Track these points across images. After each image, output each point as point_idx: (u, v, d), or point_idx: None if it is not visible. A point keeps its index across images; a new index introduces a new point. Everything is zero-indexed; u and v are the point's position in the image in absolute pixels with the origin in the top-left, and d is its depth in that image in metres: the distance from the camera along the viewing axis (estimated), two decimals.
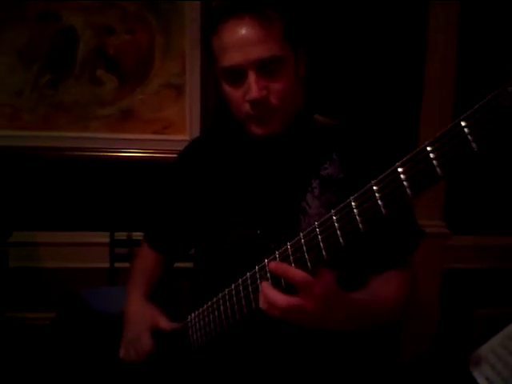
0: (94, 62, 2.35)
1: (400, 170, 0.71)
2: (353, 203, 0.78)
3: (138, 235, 2.28)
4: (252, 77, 1.04)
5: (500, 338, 1.12)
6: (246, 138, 1.18)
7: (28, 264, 2.44)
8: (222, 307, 1.03)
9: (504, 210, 2.65)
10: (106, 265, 2.35)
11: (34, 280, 2.46)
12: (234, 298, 1.00)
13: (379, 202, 0.74)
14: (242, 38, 1.03)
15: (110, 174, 2.45)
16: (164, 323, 1.21)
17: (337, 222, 0.80)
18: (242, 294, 0.98)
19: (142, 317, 1.24)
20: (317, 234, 0.83)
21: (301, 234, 0.86)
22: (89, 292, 1.96)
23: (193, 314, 1.15)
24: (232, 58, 1.04)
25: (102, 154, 2.40)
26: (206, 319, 1.09)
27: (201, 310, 1.11)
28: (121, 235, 2.38)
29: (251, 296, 0.95)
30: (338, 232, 0.79)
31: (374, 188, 0.75)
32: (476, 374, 1.16)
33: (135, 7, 2.31)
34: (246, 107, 1.07)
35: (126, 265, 1.35)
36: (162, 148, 2.38)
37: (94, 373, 1.22)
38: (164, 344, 1.18)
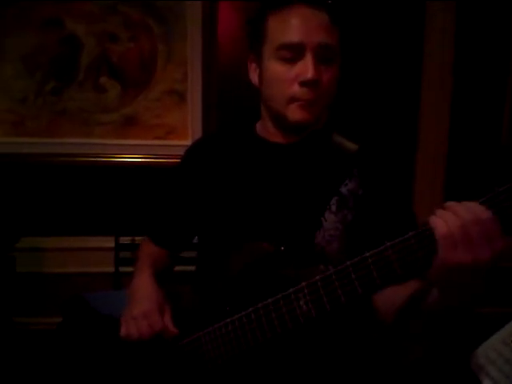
0: (97, 69, 2.38)
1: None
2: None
3: (142, 239, 2.29)
4: (310, 58, 1.05)
5: (501, 335, 1.13)
6: (263, 142, 1.20)
7: (34, 269, 2.47)
8: (256, 322, 1.00)
9: None
10: (111, 269, 2.37)
11: (41, 285, 2.49)
12: (273, 314, 0.98)
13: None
14: (310, 20, 1.05)
15: (114, 180, 2.48)
16: (168, 321, 1.14)
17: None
18: (284, 310, 0.96)
19: (149, 297, 1.17)
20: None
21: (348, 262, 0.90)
22: (94, 296, 1.97)
23: (209, 329, 1.08)
24: (295, 35, 1.05)
25: (105, 159, 2.44)
26: (232, 334, 1.03)
27: (221, 324, 1.05)
28: (125, 239, 2.40)
29: (298, 310, 0.95)
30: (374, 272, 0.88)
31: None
32: (477, 370, 1.17)
33: (137, 14, 2.34)
34: (295, 88, 1.07)
35: (131, 269, 1.35)
36: (164, 153, 2.41)
37: (101, 377, 1.22)
38: (172, 357, 1.13)
